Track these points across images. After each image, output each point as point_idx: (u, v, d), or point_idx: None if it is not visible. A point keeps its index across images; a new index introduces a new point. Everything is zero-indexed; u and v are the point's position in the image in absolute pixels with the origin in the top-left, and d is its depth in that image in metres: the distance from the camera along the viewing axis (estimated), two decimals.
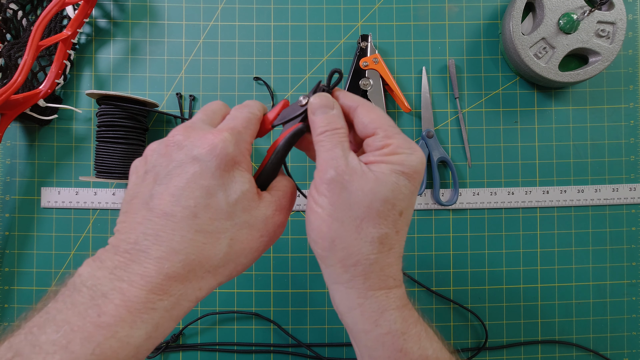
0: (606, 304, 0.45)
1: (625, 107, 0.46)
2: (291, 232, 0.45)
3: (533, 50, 0.43)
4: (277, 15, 0.46)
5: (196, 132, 0.22)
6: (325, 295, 0.45)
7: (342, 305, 0.23)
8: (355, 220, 0.22)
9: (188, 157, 0.21)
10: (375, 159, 0.23)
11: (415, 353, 0.22)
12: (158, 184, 0.21)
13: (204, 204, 0.20)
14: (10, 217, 0.45)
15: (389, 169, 0.22)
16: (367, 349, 0.23)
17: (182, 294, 0.20)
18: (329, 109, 0.24)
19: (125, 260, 0.19)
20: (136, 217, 0.21)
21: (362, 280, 0.22)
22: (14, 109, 0.40)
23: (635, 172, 0.46)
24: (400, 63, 0.46)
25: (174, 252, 0.20)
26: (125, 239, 0.20)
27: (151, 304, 0.19)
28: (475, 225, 0.46)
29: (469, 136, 0.46)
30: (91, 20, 0.46)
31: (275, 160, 0.25)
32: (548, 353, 0.45)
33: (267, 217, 0.23)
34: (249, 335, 0.45)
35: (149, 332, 0.19)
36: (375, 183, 0.21)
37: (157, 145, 0.23)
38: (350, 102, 0.25)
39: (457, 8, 0.47)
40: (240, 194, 0.21)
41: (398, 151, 0.22)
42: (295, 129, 0.25)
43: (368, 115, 0.24)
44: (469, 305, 0.45)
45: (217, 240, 0.21)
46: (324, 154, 0.23)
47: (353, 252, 0.22)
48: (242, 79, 0.46)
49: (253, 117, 0.24)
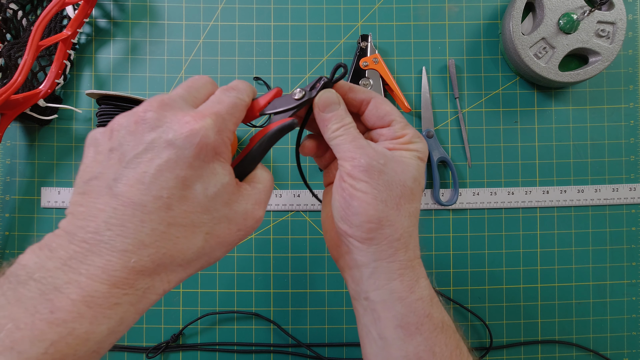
0: (606, 304, 0.45)
1: (625, 107, 0.46)
2: (291, 232, 0.45)
3: (533, 50, 0.43)
4: (277, 15, 0.46)
5: (173, 111, 0.20)
6: (325, 295, 0.45)
7: (380, 279, 0.24)
8: (395, 198, 0.24)
9: (162, 140, 0.19)
10: (394, 146, 0.25)
11: (437, 318, 0.25)
12: (124, 167, 0.18)
13: (179, 196, 0.19)
14: (10, 217, 0.45)
15: (410, 154, 0.25)
16: (400, 315, 0.24)
17: (149, 287, 0.19)
18: (337, 105, 0.25)
19: (82, 250, 0.17)
20: (97, 203, 0.18)
21: (404, 251, 0.24)
22: (14, 109, 0.40)
23: (635, 172, 0.46)
24: (400, 63, 0.46)
25: (142, 246, 0.18)
26: (83, 226, 0.18)
27: (115, 299, 0.17)
28: (475, 225, 0.46)
29: (469, 136, 0.46)
30: (91, 20, 0.46)
31: (258, 152, 0.23)
32: (548, 353, 0.45)
33: (247, 211, 0.21)
34: (249, 335, 0.45)
35: (113, 327, 0.18)
36: (405, 165, 0.24)
37: (126, 119, 0.20)
38: (363, 95, 0.26)
39: (457, 8, 0.47)
40: (221, 187, 0.20)
41: (414, 140, 0.25)
42: (285, 123, 0.23)
43: (383, 107, 0.26)
44: (469, 305, 0.45)
45: (193, 234, 0.19)
46: (348, 145, 0.24)
47: (397, 228, 0.24)
48: (242, 79, 0.46)
49: (240, 102, 0.22)
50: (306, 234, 0.45)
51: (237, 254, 0.45)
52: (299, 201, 0.45)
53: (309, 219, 0.45)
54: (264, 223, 0.45)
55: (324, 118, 0.25)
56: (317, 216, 0.45)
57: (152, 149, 0.18)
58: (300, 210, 0.45)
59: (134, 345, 0.44)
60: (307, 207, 0.45)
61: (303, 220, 0.45)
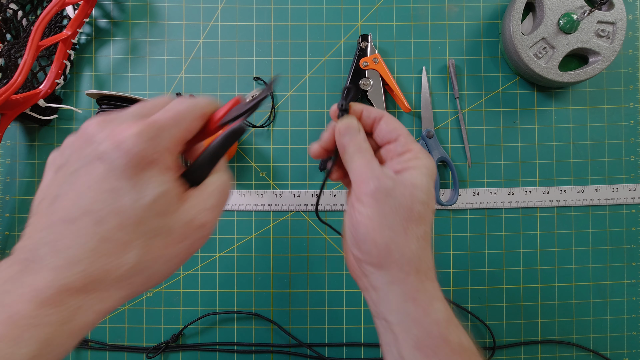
0: (606, 304, 0.45)
1: (625, 107, 0.46)
2: (291, 232, 0.45)
3: (533, 50, 0.43)
4: (277, 15, 0.46)
5: (112, 124, 0.19)
6: (325, 295, 0.45)
7: (394, 302, 0.25)
8: (402, 222, 0.24)
9: (95, 153, 0.18)
10: (401, 166, 0.25)
11: (455, 341, 0.24)
12: (64, 183, 0.19)
13: (110, 209, 0.18)
14: (10, 217, 0.45)
15: (418, 173, 0.25)
16: (416, 338, 0.24)
17: (80, 306, 0.18)
18: (356, 131, 0.26)
19: (20, 269, 0.17)
20: (40, 221, 0.18)
21: (415, 274, 0.24)
22: (14, 109, 0.40)
23: (635, 172, 0.46)
24: (400, 63, 0.46)
25: (72, 262, 0.17)
26: (24, 245, 0.18)
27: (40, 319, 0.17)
28: (475, 225, 0.46)
29: (469, 136, 0.46)
30: (91, 20, 0.46)
31: (207, 156, 0.22)
32: (548, 353, 0.45)
33: (190, 219, 0.20)
34: (249, 335, 0.45)
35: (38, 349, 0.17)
36: (413, 188, 0.24)
37: (73, 137, 0.20)
38: (375, 114, 0.27)
39: (457, 8, 0.47)
40: (155, 197, 0.19)
41: (419, 156, 0.25)
42: (233, 128, 0.22)
43: (392, 123, 0.27)
44: (469, 305, 0.45)
45: (126, 249, 0.18)
46: (361, 169, 0.25)
47: (405, 252, 0.24)
48: (242, 79, 0.46)
49: (189, 112, 0.21)
50: (306, 234, 0.45)
51: (237, 254, 0.45)
52: (299, 201, 0.45)
53: (309, 219, 0.45)
54: (264, 223, 0.45)
55: (343, 143, 0.26)
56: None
57: (87, 163, 0.18)
58: (300, 210, 0.45)
59: (134, 345, 0.44)
60: (307, 207, 0.45)
61: (303, 220, 0.45)
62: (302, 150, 0.46)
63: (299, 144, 0.46)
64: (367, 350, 0.45)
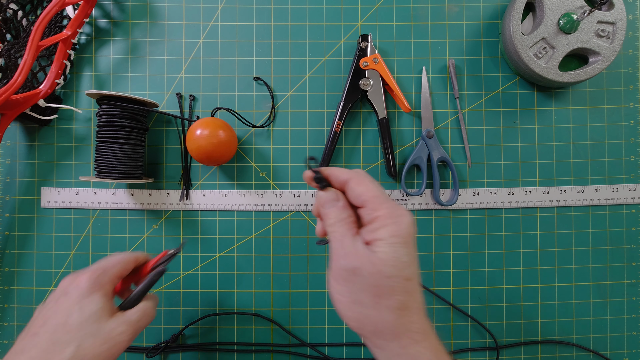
0: (606, 304, 0.45)
1: (625, 107, 0.46)
2: (291, 232, 0.45)
3: (533, 50, 0.43)
4: (277, 15, 0.46)
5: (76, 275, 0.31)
6: (325, 295, 0.45)
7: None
8: (372, 298, 0.25)
9: (62, 292, 0.30)
10: (370, 237, 0.26)
11: None
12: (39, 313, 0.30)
13: (62, 323, 0.28)
14: (10, 217, 0.45)
15: (385, 244, 0.25)
16: None
17: None
18: (336, 202, 0.28)
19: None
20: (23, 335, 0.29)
21: (396, 342, 0.25)
22: (14, 109, 0.40)
23: (635, 172, 0.46)
24: (400, 63, 0.46)
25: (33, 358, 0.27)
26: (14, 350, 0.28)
27: None
28: (475, 225, 0.46)
29: (469, 136, 0.46)
30: (91, 20, 0.46)
31: (138, 292, 0.32)
32: (548, 353, 0.45)
33: (111, 329, 0.29)
34: (249, 335, 0.45)
35: None
36: (380, 263, 0.24)
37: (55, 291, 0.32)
38: (343, 176, 0.28)
39: (457, 8, 0.47)
40: (91, 312, 0.29)
41: (386, 223, 0.25)
42: (156, 270, 0.34)
43: (358, 188, 0.27)
44: (469, 305, 0.45)
45: (67, 347, 0.27)
46: (336, 243, 0.26)
47: (379, 324, 0.25)
48: (242, 79, 0.46)
49: (122, 260, 0.33)
50: (306, 234, 0.45)
51: (237, 254, 0.45)
52: (299, 201, 0.45)
53: (309, 219, 0.45)
54: (265, 223, 0.45)
55: (324, 213, 0.28)
56: None
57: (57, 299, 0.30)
58: (300, 210, 0.45)
59: (134, 345, 0.44)
60: (307, 207, 0.45)
61: (303, 220, 0.45)
62: (302, 150, 0.46)
63: (299, 144, 0.46)
64: (367, 350, 0.45)
